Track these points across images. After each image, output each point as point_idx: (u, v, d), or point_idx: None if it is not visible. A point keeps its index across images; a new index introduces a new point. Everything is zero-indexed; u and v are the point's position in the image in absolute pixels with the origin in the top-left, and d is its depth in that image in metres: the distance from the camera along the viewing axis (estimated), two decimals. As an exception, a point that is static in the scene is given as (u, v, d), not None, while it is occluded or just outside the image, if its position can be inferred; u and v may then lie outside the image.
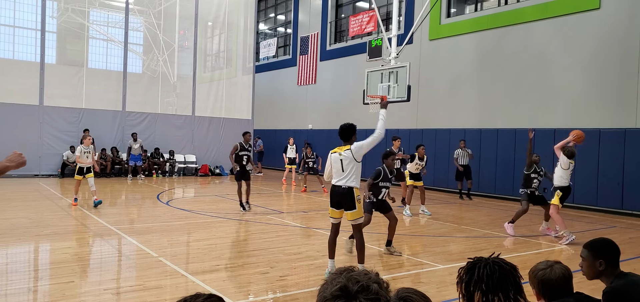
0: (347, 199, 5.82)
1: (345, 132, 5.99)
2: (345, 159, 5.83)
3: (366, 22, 19.65)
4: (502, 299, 1.91)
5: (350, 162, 5.82)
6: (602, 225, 11.33)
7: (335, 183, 5.90)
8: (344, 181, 5.83)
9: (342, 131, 6.01)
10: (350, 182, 5.82)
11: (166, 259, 6.70)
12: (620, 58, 13.38)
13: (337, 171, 5.87)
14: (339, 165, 5.85)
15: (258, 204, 12.17)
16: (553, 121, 14.70)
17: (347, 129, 6.00)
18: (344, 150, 5.87)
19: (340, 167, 5.84)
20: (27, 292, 5.31)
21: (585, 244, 2.86)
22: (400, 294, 1.59)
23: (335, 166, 5.88)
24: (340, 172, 5.84)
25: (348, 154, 5.84)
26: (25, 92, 18.25)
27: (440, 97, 18.13)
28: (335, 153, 5.94)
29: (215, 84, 23.25)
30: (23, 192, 13.42)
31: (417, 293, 1.59)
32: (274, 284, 5.70)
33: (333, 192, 5.93)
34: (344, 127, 6.03)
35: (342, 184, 5.83)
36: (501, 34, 16.26)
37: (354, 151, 5.83)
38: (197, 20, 21.80)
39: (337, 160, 5.87)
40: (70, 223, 9.31)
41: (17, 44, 19.94)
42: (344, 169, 5.83)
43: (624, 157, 13.06)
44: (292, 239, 8.64)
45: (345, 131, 6.00)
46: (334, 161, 5.90)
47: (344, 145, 5.94)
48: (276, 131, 26.00)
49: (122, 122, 19.88)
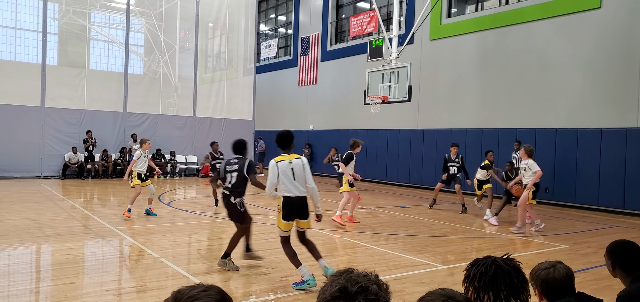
0: (305, 208, 5.61)
1: (287, 140, 5.72)
2: (296, 167, 5.56)
3: (367, 23, 19.65)
4: (492, 298, 1.91)
5: (301, 170, 5.57)
6: (604, 225, 11.31)
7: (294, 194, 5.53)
8: (299, 190, 5.55)
9: (284, 139, 5.71)
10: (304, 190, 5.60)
11: (168, 260, 6.70)
12: (622, 57, 13.36)
13: (290, 180, 5.51)
14: (290, 174, 5.53)
15: (260, 205, 12.17)
16: (554, 121, 14.69)
17: (288, 136, 5.77)
18: (294, 158, 5.62)
19: (292, 175, 5.53)
20: (29, 293, 5.32)
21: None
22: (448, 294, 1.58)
23: (288, 174, 5.52)
24: (294, 181, 5.53)
25: (299, 162, 5.60)
26: (26, 94, 18.28)
27: (442, 97, 18.13)
28: (283, 161, 5.56)
29: (216, 84, 23.26)
30: (25, 194, 13.44)
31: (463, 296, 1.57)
32: (275, 284, 5.70)
33: (292, 203, 5.53)
34: (287, 134, 5.77)
35: (300, 193, 5.55)
36: (502, 34, 16.25)
37: (304, 162, 5.65)
38: (198, 22, 21.81)
39: (289, 169, 5.54)
40: (72, 224, 9.32)
41: (18, 46, 19.98)
42: (297, 178, 5.55)
43: (625, 156, 13.04)
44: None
45: (287, 139, 5.73)
46: (286, 169, 5.52)
47: (289, 153, 5.67)
48: (277, 132, 25.98)
49: (123, 123, 19.89)
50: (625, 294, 2.61)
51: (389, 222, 10.73)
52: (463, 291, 2.01)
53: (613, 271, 2.77)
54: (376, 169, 20.43)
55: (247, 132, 22.73)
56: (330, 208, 12.11)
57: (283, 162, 5.56)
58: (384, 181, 20.20)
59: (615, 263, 2.74)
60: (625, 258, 2.72)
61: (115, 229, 8.73)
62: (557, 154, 14.56)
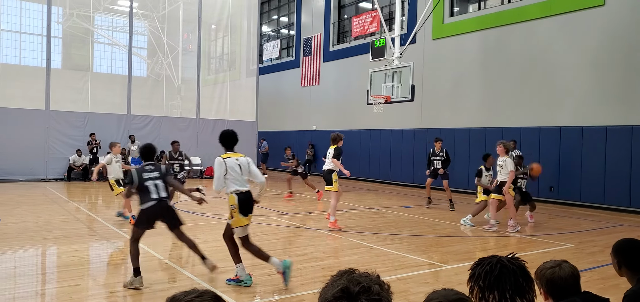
0: (253, 202, 5.74)
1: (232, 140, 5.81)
2: (243, 164, 5.66)
3: (369, 23, 19.64)
4: (497, 298, 1.90)
5: (247, 167, 5.69)
6: (610, 223, 11.25)
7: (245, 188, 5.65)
8: (246, 186, 5.67)
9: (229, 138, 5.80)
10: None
11: (172, 261, 6.72)
12: (626, 54, 13.29)
13: (238, 175, 5.61)
14: (238, 170, 5.62)
15: (263, 206, 12.18)
16: (559, 119, 14.64)
17: (232, 136, 5.83)
18: (240, 156, 5.72)
19: (240, 171, 5.63)
20: (34, 296, 5.34)
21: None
22: (450, 297, 1.57)
23: (237, 170, 5.61)
24: (242, 177, 5.64)
25: (245, 160, 5.71)
26: (31, 97, 18.38)
27: (444, 96, 18.09)
28: (230, 158, 5.64)
29: (219, 86, 23.31)
30: (30, 197, 13.50)
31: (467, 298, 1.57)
32: (279, 285, 5.70)
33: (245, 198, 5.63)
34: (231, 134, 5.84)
35: (247, 188, 5.67)
36: (505, 32, 16.21)
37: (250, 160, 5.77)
38: (200, 24, 21.86)
39: (237, 165, 5.62)
40: (77, 227, 9.35)
41: (23, 50, 20.11)
42: (244, 173, 5.66)
43: (631, 154, 12.97)
44: (297, 240, 8.64)
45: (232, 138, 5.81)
46: (233, 165, 5.60)
47: (233, 152, 5.75)
48: (280, 133, 26.03)
49: (127, 125, 19.96)
50: (631, 293, 2.59)
51: (392, 222, 10.71)
52: (468, 291, 2.01)
53: (619, 270, 2.76)
54: (379, 169, 20.40)
55: (250, 134, 22.77)
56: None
57: (230, 158, 5.64)
58: (387, 181, 20.17)
59: (621, 262, 2.72)
60: (632, 257, 2.70)
61: (119, 232, 8.75)
62: (562, 152, 14.50)
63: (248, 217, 5.71)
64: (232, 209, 5.61)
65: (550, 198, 14.56)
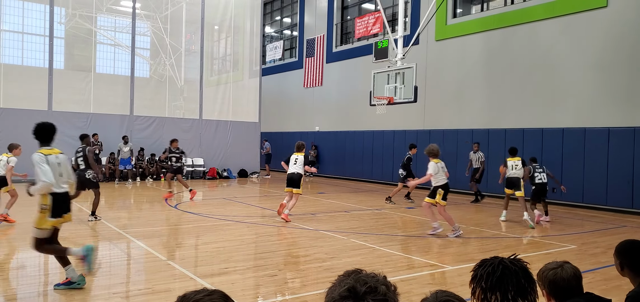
0: (69, 202, 5.53)
1: (50, 132, 5.45)
2: (62, 162, 5.45)
3: (372, 24, 19.64)
4: (499, 299, 1.90)
5: (65, 165, 5.48)
6: (612, 224, 11.22)
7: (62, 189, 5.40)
8: (62, 186, 5.42)
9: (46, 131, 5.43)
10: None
11: (175, 262, 6.73)
12: (629, 56, 13.27)
13: (57, 174, 5.32)
14: (57, 168, 5.33)
15: (266, 207, 12.20)
16: (562, 120, 14.61)
17: (50, 128, 5.47)
18: (59, 153, 5.47)
19: (59, 170, 5.37)
20: (37, 296, 5.36)
21: None
22: (440, 297, 1.57)
23: (56, 169, 5.32)
24: (60, 176, 5.38)
25: (64, 157, 5.51)
26: (34, 98, 18.42)
27: (448, 97, 18.07)
28: (51, 155, 5.33)
29: (222, 87, 23.34)
30: (33, 198, 13.51)
31: (457, 297, 1.57)
32: (282, 286, 5.70)
33: (61, 199, 5.35)
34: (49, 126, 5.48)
35: (64, 189, 5.45)
36: (508, 34, 16.19)
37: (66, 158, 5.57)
38: (203, 24, 21.90)
39: (56, 163, 5.35)
40: (80, 228, 9.38)
41: (25, 50, 20.18)
42: (62, 173, 5.42)
43: (633, 156, 12.94)
44: (300, 241, 8.64)
45: (49, 131, 5.45)
46: (54, 163, 5.31)
47: (51, 148, 5.43)
48: (283, 133, 26.05)
49: (130, 126, 19.99)
50: (634, 294, 2.59)
51: (396, 223, 10.71)
52: (470, 292, 2.01)
53: (621, 271, 2.75)
54: (383, 169, 20.39)
55: (253, 135, 22.80)
56: (330, 209, 12.09)
57: (51, 155, 5.31)
58: (390, 182, 20.15)
59: (623, 263, 2.72)
60: (634, 258, 2.69)
61: (122, 232, 8.77)
62: (564, 153, 14.47)
63: (57, 219, 5.32)
64: (43, 208, 5.21)
65: (552, 199, 14.52)
